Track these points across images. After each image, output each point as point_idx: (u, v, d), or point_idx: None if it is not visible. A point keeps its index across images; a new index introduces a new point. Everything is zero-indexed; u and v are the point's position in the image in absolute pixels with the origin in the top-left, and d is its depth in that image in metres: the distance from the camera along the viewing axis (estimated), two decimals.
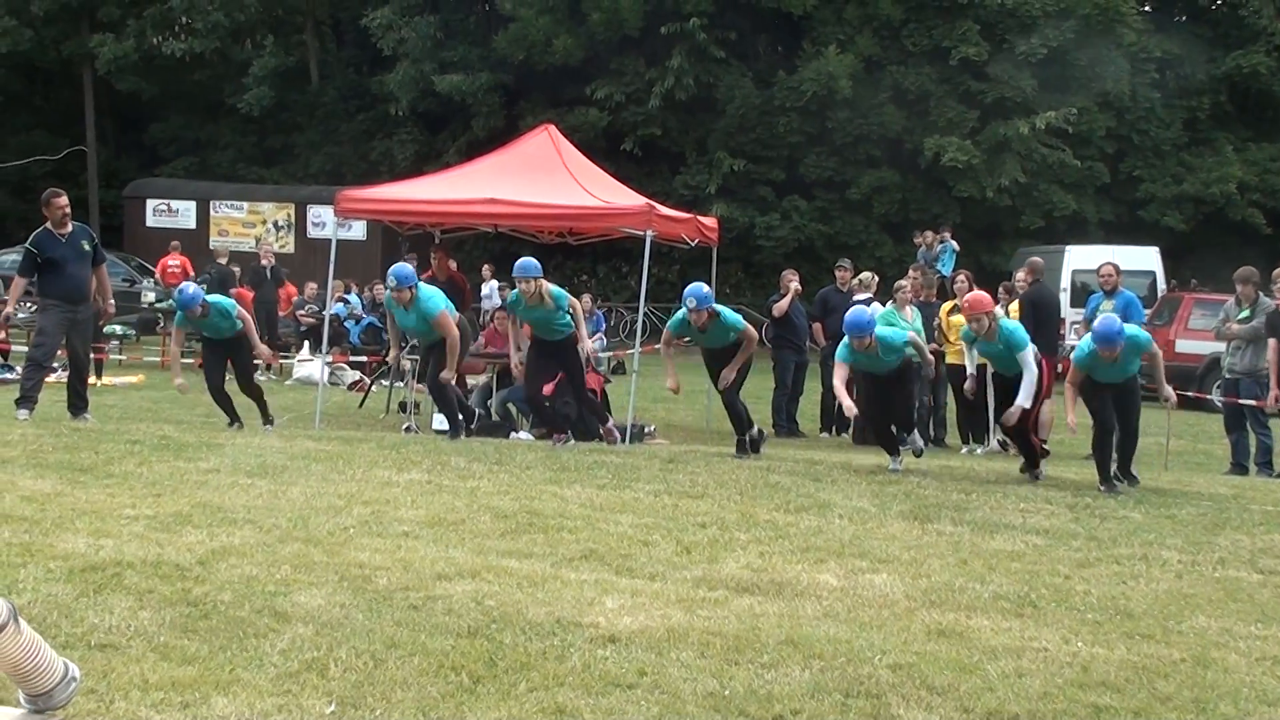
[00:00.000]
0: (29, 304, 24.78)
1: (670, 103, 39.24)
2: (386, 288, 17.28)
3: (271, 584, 8.40)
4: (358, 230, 29.80)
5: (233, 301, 18.16)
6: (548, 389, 17.51)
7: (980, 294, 15.20)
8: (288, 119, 43.09)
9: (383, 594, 8.48)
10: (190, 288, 17.52)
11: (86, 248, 16.86)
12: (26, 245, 16.87)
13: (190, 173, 42.17)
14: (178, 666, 6.89)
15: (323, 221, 36.69)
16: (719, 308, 15.90)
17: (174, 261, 32.81)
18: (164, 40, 43.22)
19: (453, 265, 23.49)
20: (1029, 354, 13.96)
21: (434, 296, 16.72)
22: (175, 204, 38.08)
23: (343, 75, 44.75)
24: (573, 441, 16.43)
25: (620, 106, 39.43)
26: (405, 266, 17.11)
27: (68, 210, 16.99)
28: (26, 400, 16.77)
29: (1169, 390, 14.85)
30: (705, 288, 15.71)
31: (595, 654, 7.34)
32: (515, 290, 16.35)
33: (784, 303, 21.40)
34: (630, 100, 39.56)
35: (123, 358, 30.37)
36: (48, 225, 16.87)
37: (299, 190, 40.48)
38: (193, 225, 37.45)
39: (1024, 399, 14.17)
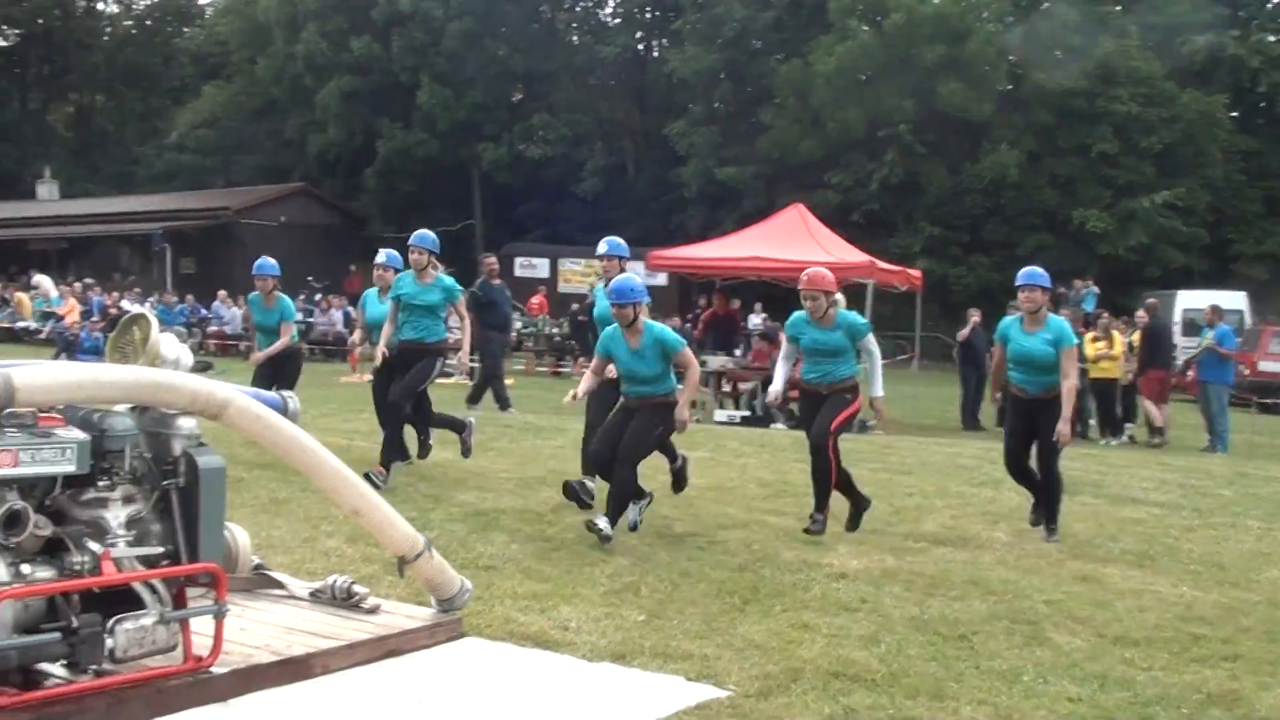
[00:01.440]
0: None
1: (886, 186, 38.94)
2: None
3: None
4: (660, 279, 29.96)
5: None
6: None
7: (822, 270, 9.59)
8: (612, 200, 43.51)
9: (679, 537, 8.71)
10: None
11: (508, 293, 18.12)
12: (473, 289, 17.37)
13: (545, 239, 42.87)
14: (537, 583, 7.14)
15: (636, 273, 37.07)
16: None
17: (536, 300, 33.55)
18: (527, 147, 44.04)
19: (734, 305, 23.79)
20: (869, 340, 9.20)
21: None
22: (534, 260, 38.72)
23: (650, 169, 45.08)
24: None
25: (849, 189, 39.14)
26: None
27: (496, 267, 18.29)
28: (503, 401, 17.45)
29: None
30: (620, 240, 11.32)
31: (830, 586, 7.47)
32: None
33: (965, 331, 21.12)
34: (856, 184, 39.28)
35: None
36: (485, 277, 17.91)
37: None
38: (546, 275, 38.02)
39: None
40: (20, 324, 31.49)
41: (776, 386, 9.38)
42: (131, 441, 5.05)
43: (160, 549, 5.07)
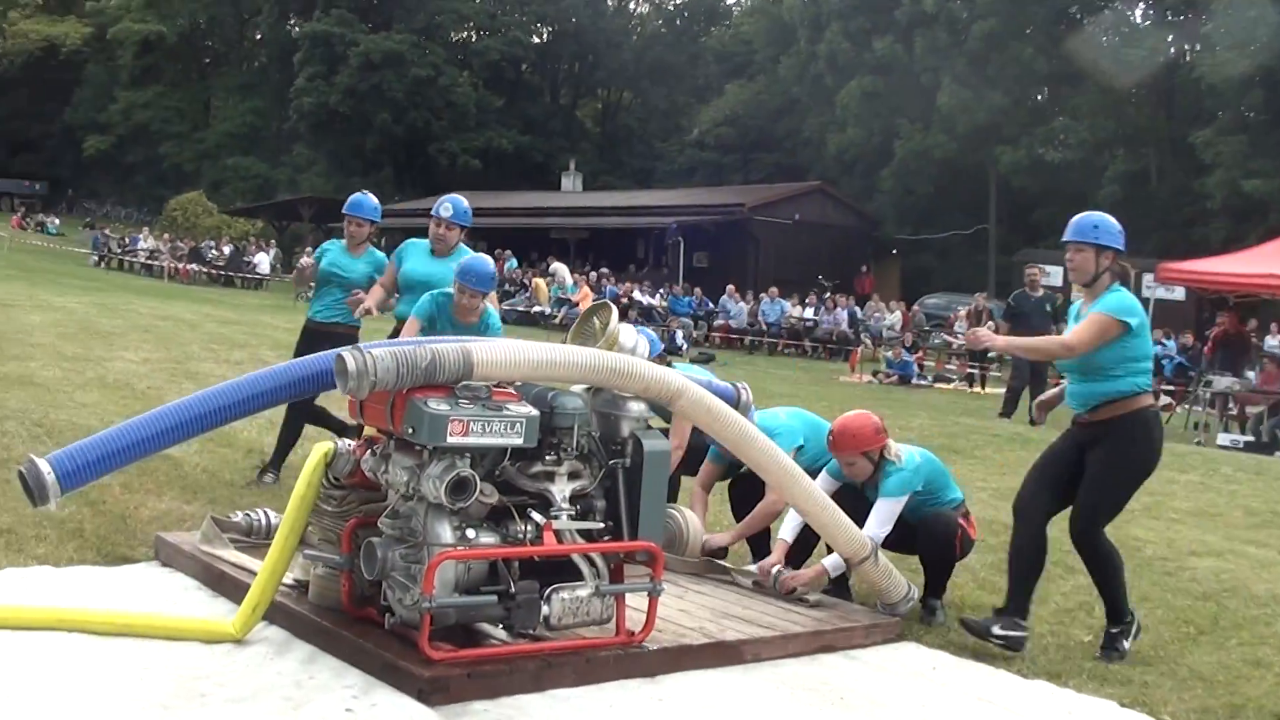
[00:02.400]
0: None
1: None
2: None
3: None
4: (1178, 293, 28.59)
5: None
6: None
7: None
8: (1131, 209, 41.74)
9: (1146, 561, 8.47)
10: None
11: (1048, 307, 17.53)
12: (1008, 300, 17.66)
13: (1059, 247, 41.75)
14: (988, 595, 7.14)
15: (1154, 286, 35.57)
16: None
17: None
18: (1046, 151, 43.10)
19: (1248, 324, 22.59)
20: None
21: None
22: (1049, 268, 37.68)
23: (1173, 178, 43.07)
24: None
25: None
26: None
27: (1037, 277, 17.97)
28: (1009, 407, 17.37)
29: None
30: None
31: None
32: None
33: None
34: None
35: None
36: (1025, 288, 17.77)
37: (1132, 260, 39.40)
38: (1060, 284, 37.01)
39: None
40: (536, 309, 33.69)
41: None
42: (581, 420, 5.40)
43: (601, 525, 5.45)
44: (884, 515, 6.51)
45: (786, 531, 6.79)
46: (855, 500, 6.62)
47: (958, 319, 30.71)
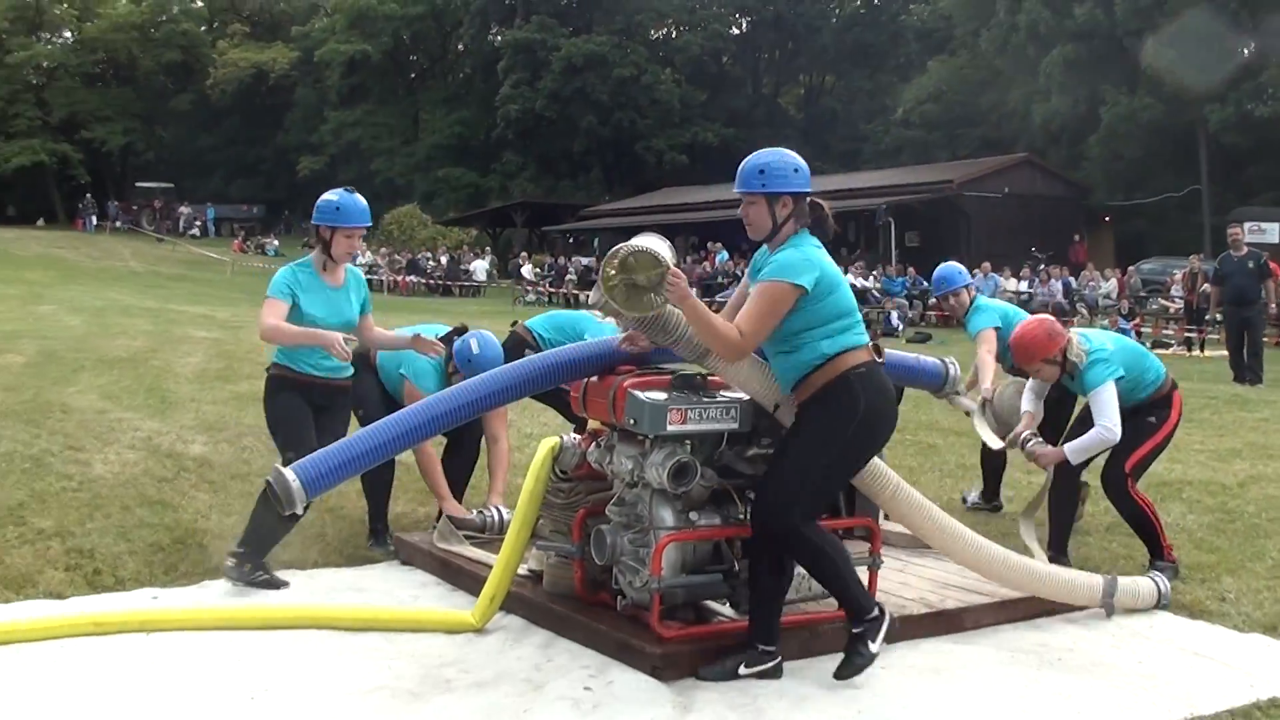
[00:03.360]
0: None
1: None
2: None
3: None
4: None
5: None
6: None
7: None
8: None
9: None
10: None
11: (1251, 264, 17.15)
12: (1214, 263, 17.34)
13: (1275, 202, 40.16)
14: (1205, 554, 7.10)
15: None
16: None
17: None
18: (1255, 106, 41.49)
19: None
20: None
21: None
22: (1264, 225, 36.29)
23: None
24: None
25: None
26: None
27: (1239, 236, 17.84)
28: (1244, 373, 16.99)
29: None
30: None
31: None
32: None
33: None
34: None
35: None
36: (1229, 250, 17.52)
37: None
38: (1276, 240, 35.63)
39: None
40: None
41: None
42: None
43: None
44: (1102, 405, 6.57)
45: (1028, 403, 7.10)
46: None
47: (1174, 283, 30.00)
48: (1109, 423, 6.52)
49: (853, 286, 6.48)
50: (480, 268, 45.59)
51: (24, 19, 70.72)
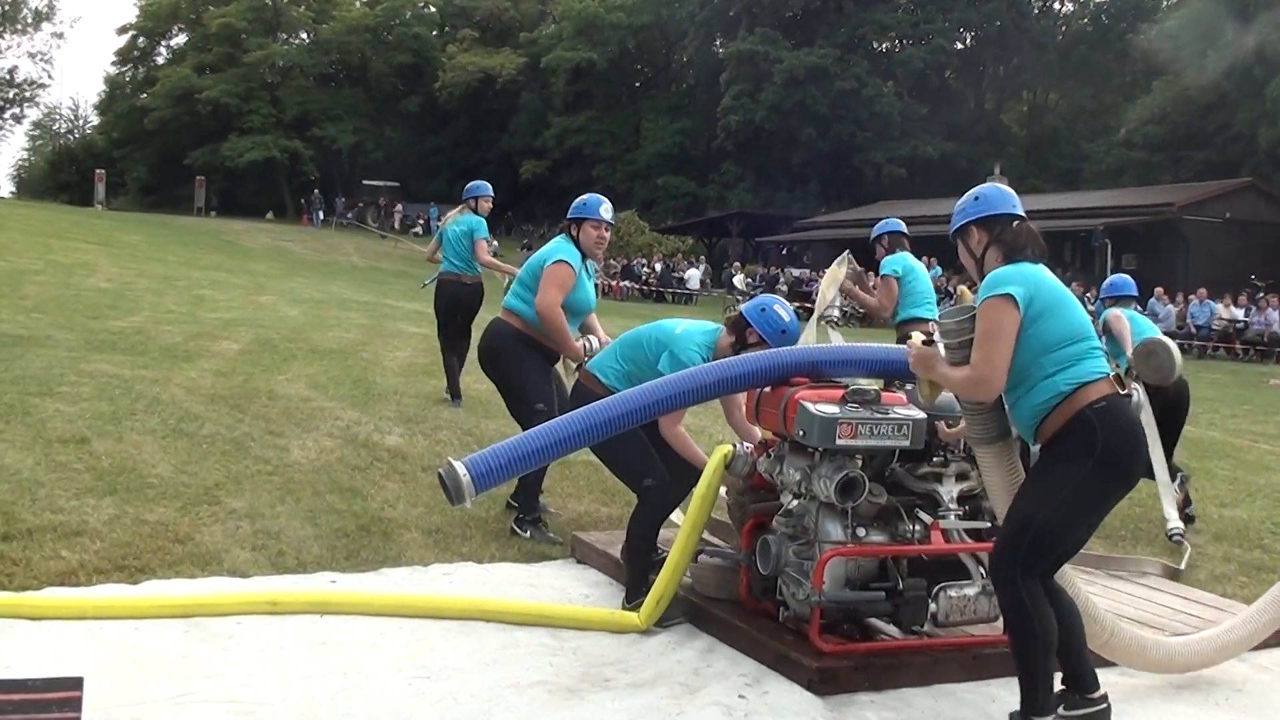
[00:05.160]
0: None
1: None
2: None
3: None
4: None
5: None
6: None
7: None
8: None
9: None
10: None
11: None
12: None
13: None
14: None
15: None
16: None
17: None
18: None
19: None
20: None
21: None
22: None
23: None
24: None
25: None
26: None
27: None
28: None
29: None
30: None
31: None
32: None
33: None
34: None
35: None
36: None
37: None
38: None
39: None
40: None
41: None
42: None
43: (988, 524, 5.51)
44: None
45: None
46: None
47: None
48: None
49: None
50: (694, 276, 45.88)
51: (262, 20, 73.70)
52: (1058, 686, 4.53)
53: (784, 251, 52.69)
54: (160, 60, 79.40)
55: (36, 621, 5.20)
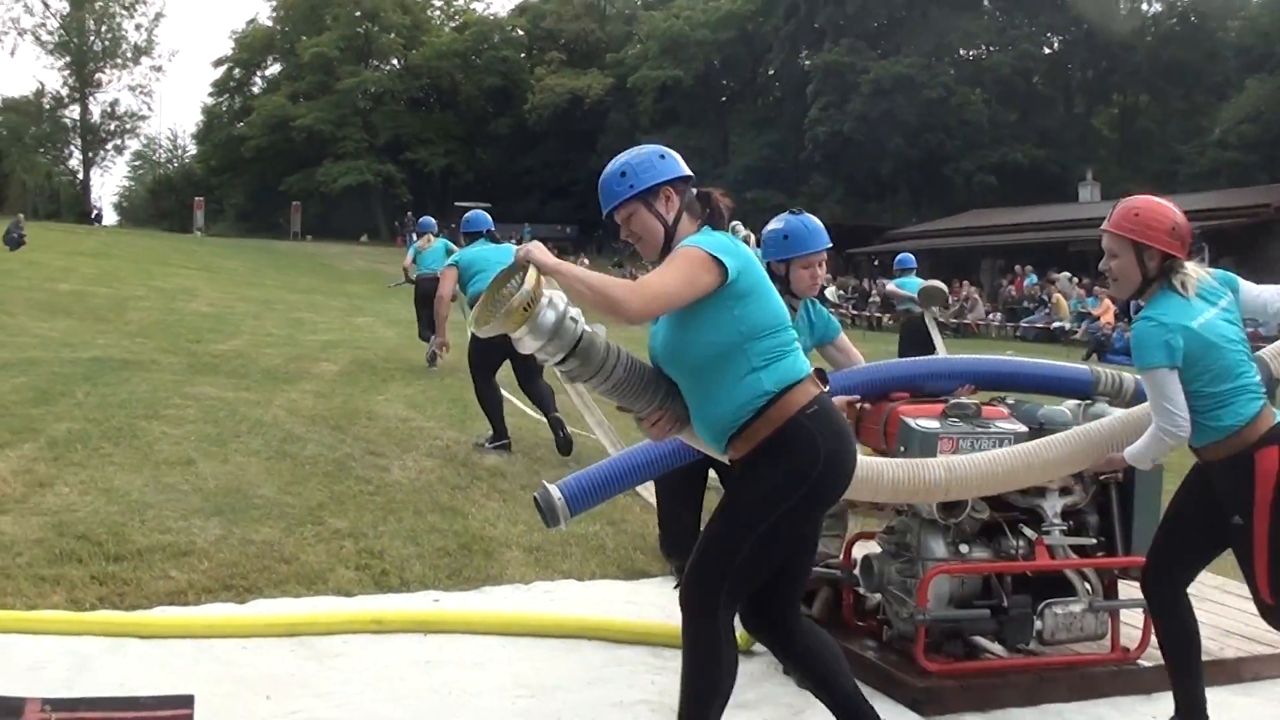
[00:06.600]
0: None
1: None
2: None
3: None
4: None
5: None
6: None
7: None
8: None
9: None
10: None
11: None
12: None
13: None
14: None
15: None
16: None
17: None
18: None
19: None
20: None
21: None
22: None
23: None
24: None
25: None
26: None
27: None
28: None
29: None
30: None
31: None
32: None
33: None
34: None
35: None
36: None
37: None
38: None
39: None
40: (1056, 324, 33.06)
41: None
42: None
43: (1093, 540, 5.43)
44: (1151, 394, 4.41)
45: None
46: None
47: None
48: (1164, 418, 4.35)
49: None
50: None
51: (354, 48, 74.82)
52: None
53: (875, 263, 52.39)
54: (255, 90, 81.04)
55: (147, 640, 5.27)
